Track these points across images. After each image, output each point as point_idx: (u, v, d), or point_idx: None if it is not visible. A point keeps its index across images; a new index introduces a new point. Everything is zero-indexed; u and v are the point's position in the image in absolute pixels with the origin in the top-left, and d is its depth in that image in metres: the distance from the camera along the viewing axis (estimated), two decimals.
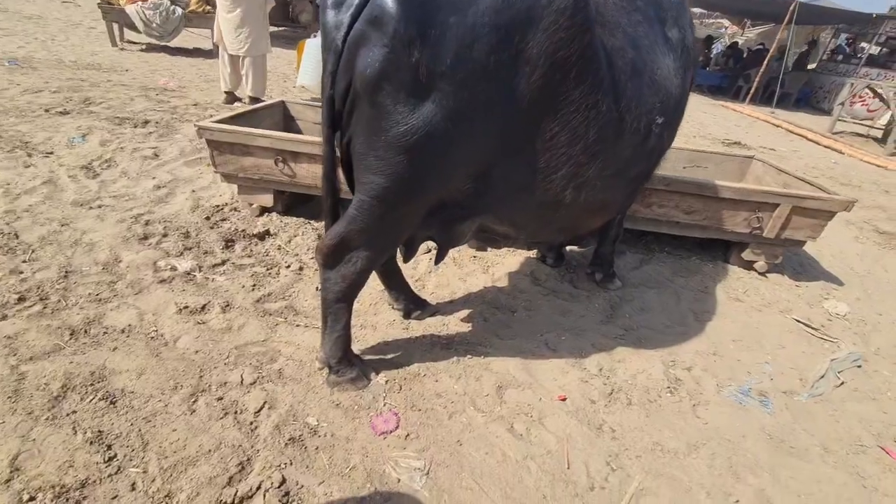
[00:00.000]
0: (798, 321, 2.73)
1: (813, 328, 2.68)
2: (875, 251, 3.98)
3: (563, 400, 1.96)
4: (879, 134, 9.06)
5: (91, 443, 1.51)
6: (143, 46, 9.14)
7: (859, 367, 2.42)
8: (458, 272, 2.81)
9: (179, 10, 8.47)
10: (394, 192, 1.44)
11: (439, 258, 1.95)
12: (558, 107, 1.47)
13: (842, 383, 2.27)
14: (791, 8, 11.14)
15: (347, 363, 1.84)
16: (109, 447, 1.51)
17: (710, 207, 2.98)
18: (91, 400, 1.66)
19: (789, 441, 1.90)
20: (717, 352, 2.39)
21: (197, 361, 1.91)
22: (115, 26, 8.58)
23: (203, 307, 2.23)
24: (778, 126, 9.53)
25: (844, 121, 10.06)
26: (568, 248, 3.25)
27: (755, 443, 1.87)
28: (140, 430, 1.58)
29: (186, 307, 2.20)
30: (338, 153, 1.52)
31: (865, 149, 8.00)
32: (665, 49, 1.84)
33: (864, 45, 14.19)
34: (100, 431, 1.55)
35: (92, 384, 1.73)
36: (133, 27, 8.39)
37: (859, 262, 3.74)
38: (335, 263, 1.63)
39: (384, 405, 1.81)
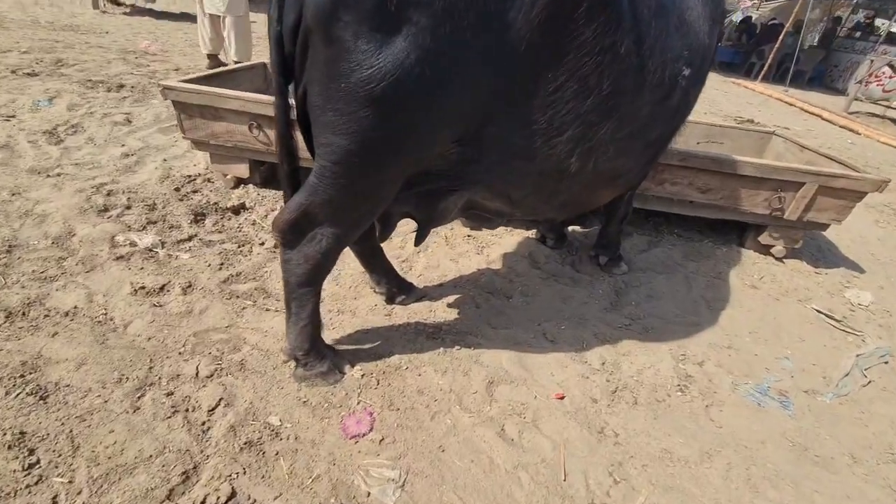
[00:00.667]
0: (819, 311, 2.51)
1: (835, 319, 2.46)
2: None
3: (562, 398, 1.74)
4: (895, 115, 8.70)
5: (10, 447, 1.29)
6: (128, 9, 8.69)
7: (886, 363, 2.21)
8: (449, 253, 2.57)
9: None
10: (360, 157, 1.18)
11: (419, 239, 1.70)
12: (565, 49, 1.19)
13: (869, 382, 2.06)
14: None
15: (317, 355, 1.62)
16: (32, 452, 1.30)
17: (727, 186, 2.71)
18: (18, 395, 1.44)
19: (813, 448, 1.70)
20: (732, 345, 2.17)
21: (148, 350, 1.69)
22: None
23: (162, 288, 1.99)
24: (791, 104, 9.14)
25: (860, 101, 9.66)
26: (570, 227, 3.00)
27: (776, 450, 1.67)
28: (71, 432, 1.37)
29: (143, 287, 1.97)
30: (294, 107, 1.25)
31: (882, 129, 7.65)
32: None
33: (881, 21, 13.59)
34: (22, 433, 1.34)
35: (22, 375, 1.51)
36: None
37: (881, 247, 3.50)
38: (296, 242, 1.39)
39: (358, 403, 1.60)
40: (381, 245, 2.01)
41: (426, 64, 1.06)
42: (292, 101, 1.27)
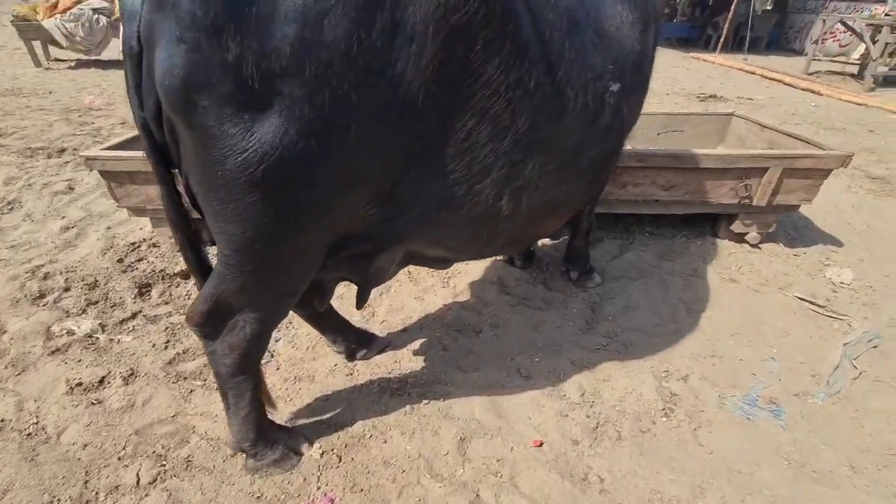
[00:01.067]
0: (801, 299, 2.42)
1: (818, 305, 2.37)
2: (871, 201, 3.68)
3: (540, 445, 1.62)
4: (855, 70, 8.75)
5: None
6: (72, 63, 8.46)
7: (876, 347, 2.12)
8: (413, 290, 2.45)
9: (104, 20, 7.80)
10: (259, 242, 1.06)
11: (360, 301, 1.56)
12: (469, 93, 1.08)
13: (860, 373, 1.97)
14: None
15: (266, 442, 1.48)
16: None
17: (691, 180, 2.63)
18: None
19: (811, 463, 1.59)
20: (716, 352, 2.07)
21: (84, 460, 1.54)
22: (37, 44, 7.90)
23: (101, 381, 1.84)
24: (752, 73, 9.17)
25: (818, 59, 9.73)
26: (539, 242, 2.90)
27: (771, 471, 1.56)
28: None
29: (80, 384, 1.81)
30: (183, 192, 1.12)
31: (843, 87, 7.68)
32: None
33: None
34: None
35: None
36: (56, 43, 7.71)
37: (856, 215, 3.44)
38: (216, 332, 1.26)
39: (318, 489, 1.46)
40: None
41: (309, 136, 0.94)
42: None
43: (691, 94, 7.27)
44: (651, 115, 3.51)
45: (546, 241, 2.95)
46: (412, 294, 2.41)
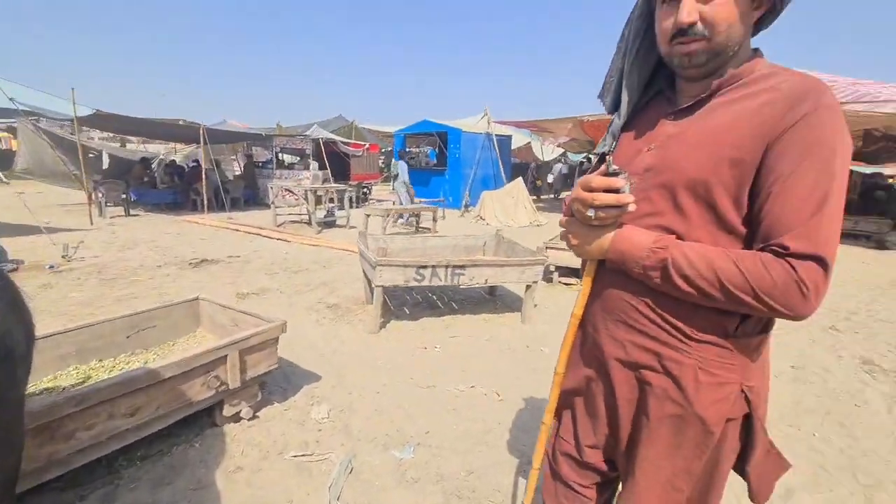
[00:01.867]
0: (296, 456, 2.71)
1: (309, 455, 2.73)
2: (332, 327, 4.80)
3: None
4: (307, 218, 11.77)
5: None
6: None
7: (351, 471, 2.62)
8: None
9: None
10: None
11: None
12: None
13: None
14: (201, 131, 12.65)
15: None
16: None
17: (157, 394, 2.48)
18: None
19: None
20: None
21: None
22: None
23: None
24: (237, 230, 10.53)
25: (281, 214, 12.43)
26: None
27: None
28: None
29: None
30: None
31: (303, 233, 10.11)
32: None
33: (285, 156, 18.23)
34: None
35: None
36: None
37: (325, 343, 4.36)
38: None
39: None
40: None
41: None
42: None
43: (184, 262, 7.44)
44: (111, 321, 3.20)
45: None
46: None
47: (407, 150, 18.16)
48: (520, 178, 13.89)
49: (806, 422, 3.29)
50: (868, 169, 12.72)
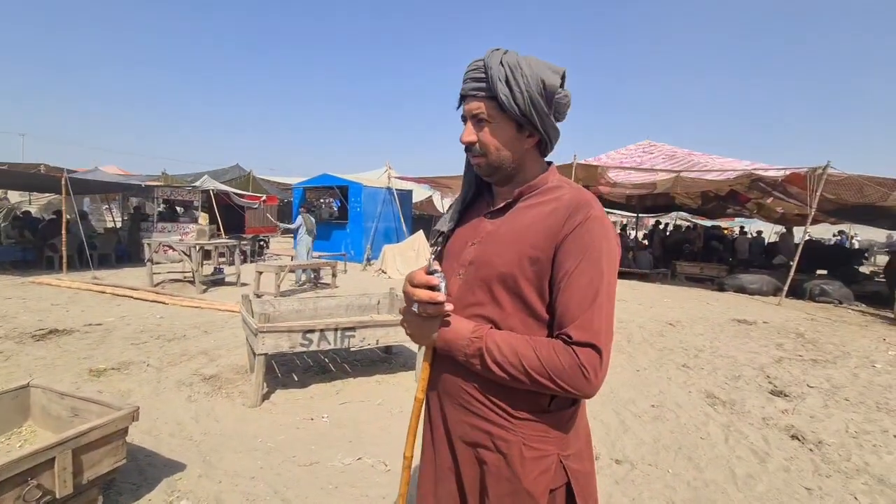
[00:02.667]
0: None
1: None
2: (206, 403, 4.33)
3: None
4: (190, 276, 10.78)
5: None
6: None
7: None
8: None
9: None
10: None
11: None
12: None
13: None
14: (63, 180, 11.24)
15: None
16: None
17: None
18: None
19: None
20: None
21: None
22: None
23: None
24: (103, 292, 9.27)
25: (161, 272, 11.25)
26: None
27: None
28: None
29: None
30: None
31: (183, 293, 9.21)
32: None
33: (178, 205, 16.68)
34: None
35: None
36: None
37: (196, 425, 3.91)
38: None
39: None
40: None
41: None
42: None
43: (24, 334, 6.31)
44: None
45: None
46: None
47: (307, 201, 17.81)
48: (421, 231, 14.27)
49: (663, 459, 3.66)
50: (709, 222, 15.26)
